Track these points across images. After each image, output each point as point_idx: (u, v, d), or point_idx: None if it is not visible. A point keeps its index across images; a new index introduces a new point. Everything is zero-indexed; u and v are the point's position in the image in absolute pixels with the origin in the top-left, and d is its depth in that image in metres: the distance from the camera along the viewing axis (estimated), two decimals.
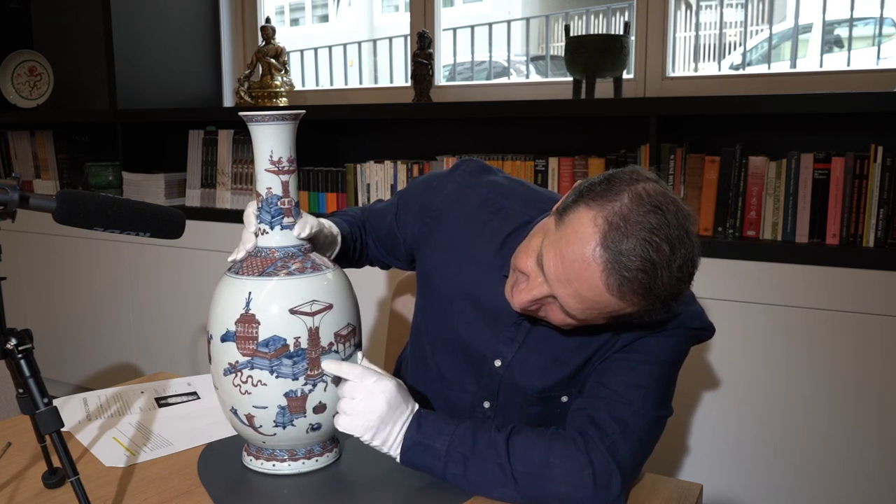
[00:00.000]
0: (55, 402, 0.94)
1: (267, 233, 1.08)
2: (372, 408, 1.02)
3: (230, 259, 1.10)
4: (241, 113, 1.07)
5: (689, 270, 0.96)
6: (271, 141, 1.05)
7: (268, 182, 1.07)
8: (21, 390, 0.93)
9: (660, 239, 0.91)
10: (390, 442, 1.04)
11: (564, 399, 1.15)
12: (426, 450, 1.03)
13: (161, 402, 1.40)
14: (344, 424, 1.03)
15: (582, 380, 1.12)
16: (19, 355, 0.91)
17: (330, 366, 1.04)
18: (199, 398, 1.42)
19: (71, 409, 1.36)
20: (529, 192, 1.22)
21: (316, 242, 1.14)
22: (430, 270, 1.24)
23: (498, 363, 1.16)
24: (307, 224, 1.09)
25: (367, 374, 1.03)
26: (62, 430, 0.91)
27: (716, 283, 1.97)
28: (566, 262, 0.94)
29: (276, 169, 1.06)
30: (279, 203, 1.07)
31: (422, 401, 1.24)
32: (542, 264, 0.97)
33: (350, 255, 1.28)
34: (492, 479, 1.01)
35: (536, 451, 1.02)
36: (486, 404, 1.19)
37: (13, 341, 0.91)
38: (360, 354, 1.09)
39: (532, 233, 1.05)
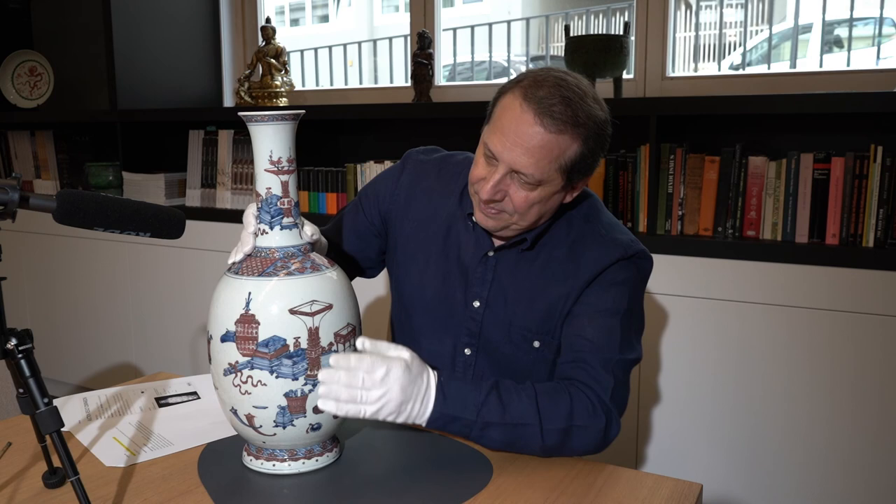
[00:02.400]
0: (55, 402, 0.94)
1: (267, 233, 1.08)
2: (388, 397, 1.03)
3: (230, 261, 1.10)
4: (240, 113, 1.07)
5: (603, 105, 1.17)
6: (271, 141, 1.05)
7: (267, 182, 1.07)
8: (21, 390, 0.93)
9: (569, 84, 1.13)
10: (414, 415, 1.06)
11: (536, 344, 1.28)
12: (454, 420, 1.09)
13: (161, 402, 1.40)
14: (369, 413, 1.03)
15: (551, 328, 1.26)
16: (19, 355, 0.91)
17: (339, 361, 1.02)
18: (199, 398, 1.42)
19: (71, 408, 1.36)
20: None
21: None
22: (405, 241, 1.35)
23: (477, 304, 1.29)
24: (312, 226, 1.13)
25: (376, 364, 1.03)
26: (62, 429, 0.91)
27: (716, 283, 1.97)
28: (506, 132, 1.13)
29: (275, 169, 1.06)
30: (279, 203, 1.07)
31: None
32: (491, 152, 1.15)
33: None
34: (525, 439, 1.11)
35: (561, 410, 1.13)
36: (468, 351, 1.31)
37: (13, 341, 0.92)
38: (361, 339, 1.08)
39: (476, 154, 1.22)
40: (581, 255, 1.25)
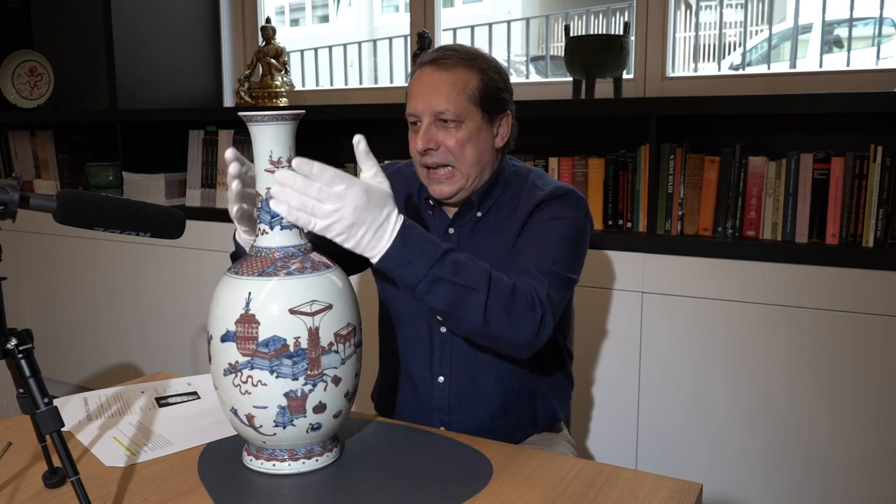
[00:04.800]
0: (55, 402, 0.94)
1: (267, 233, 1.08)
2: (340, 214, 1.02)
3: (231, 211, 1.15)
4: (240, 113, 1.07)
5: (491, 56, 1.36)
6: (271, 141, 1.05)
7: (267, 182, 1.07)
8: (21, 390, 0.93)
9: (453, 44, 1.34)
10: (364, 244, 1.06)
11: None
12: (407, 264, 1.09)
13: (161, 401, 1.41)
14: (319, 227, 1.03)
15: None
16: (20, 355, 0.91)
17: (301, 166, 1.00)
18: (199, 398, 1.42)
19: (71, 408, 1.36)
20: None
21: None
22: None
23: None
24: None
25: (336, 179, 1.01)
26: (62, 429, 0.91)
27: (716, 283, 1.97)
28: (415, 92, 1.31)
29: (275, 169, 1.06)
30: None
31: (393, 358, 1.46)
32: (413, 115, 1.32)
33: None
34: (469, 306, 1.14)
35: (507, 289, 1.17)
36: (444, 329, 1.38)
37: (14, 341, 0.92)
38: (358, 137, 1.08)
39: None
40: (519, 206, 1.37)
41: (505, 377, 1.39)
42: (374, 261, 1.08)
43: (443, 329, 1.39)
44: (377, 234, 1.06)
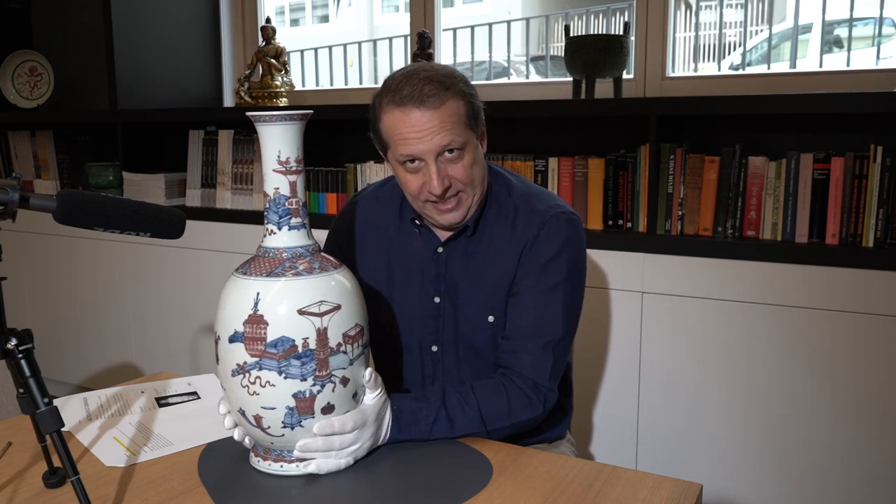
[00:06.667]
0: (55, 402, 0.94)
1: (275, 233, 1.08)
2: (366, 440, 1.12)
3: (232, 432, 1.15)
4: (248, 113, 1.07)
5: (445, 65, 1.31)
6: (279, 141, 1.05)
7: (275, 182, 1.07)
8: (21, 390, 0.93)
9: (417, 68, 1.27)
10: (378, 443, 1.16)
11: (491, 319, 1.35)
12: (410, 439, 1.19)
13: (161, 402, 1.40)
14: (346, 465, 1.11)
15: (501, 303, 1.34)
16: (20, 355, 0.91)
17: (325, 429, 1.07)
18: (199, 398, 1.42)
19: (71, 408, 1.36)
20: None
21: None
22: (372, 269, 1.42)
23: (437, 300, 1.38)
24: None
25: (356, 426, 1.10)
26: (62, 429, 0.91)
27: (716, 283, 1.97)
28: (409, 136, 1.24)
29: (283, 169, 1.06)
30: (287, 203, 1.07)
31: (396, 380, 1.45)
32: (412, 157, 1.26)
33: None
34: (470, 436, 1.23)
35: (502, 411, 1.24)
36: (434, 348, 1.40)
37: (14, 341, 0.92)
38: (369, 371, 1.12)
39: (399, 178, 1.33)
40: (510, 228, 1.35)
41: None
42: (383, 443, 1.18)
43: (434, 348, 1.40)
44: (385, 431, 1.17)
